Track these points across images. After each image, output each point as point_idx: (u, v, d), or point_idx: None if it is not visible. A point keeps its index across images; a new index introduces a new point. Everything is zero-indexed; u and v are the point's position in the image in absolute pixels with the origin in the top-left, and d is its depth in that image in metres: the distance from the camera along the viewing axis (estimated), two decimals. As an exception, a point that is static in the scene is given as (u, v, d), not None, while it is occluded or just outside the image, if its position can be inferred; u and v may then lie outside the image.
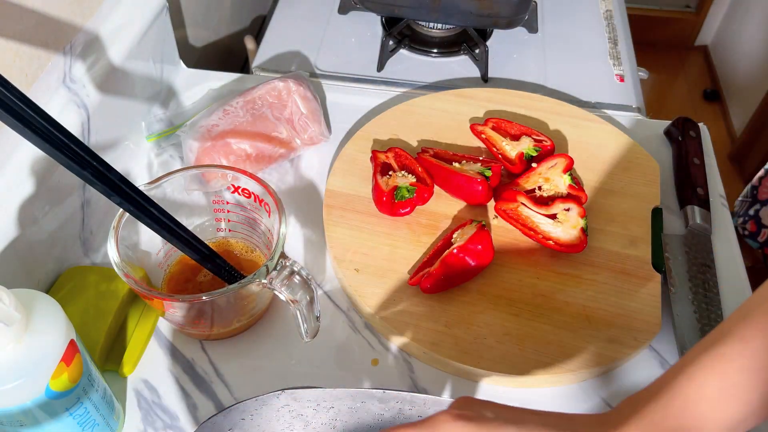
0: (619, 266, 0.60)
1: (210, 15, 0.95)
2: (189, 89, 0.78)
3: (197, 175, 0.57)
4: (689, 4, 2.24)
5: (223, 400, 0.54)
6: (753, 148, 1.84)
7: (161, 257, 0.57)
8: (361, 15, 0.92)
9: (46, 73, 0.57)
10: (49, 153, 0.40)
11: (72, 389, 0.42)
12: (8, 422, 0.40)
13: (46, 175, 0.55)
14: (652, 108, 2.08)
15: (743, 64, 1.99)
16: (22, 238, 0.53)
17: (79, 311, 0.54)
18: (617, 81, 0.84)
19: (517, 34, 0.90)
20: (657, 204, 0.66)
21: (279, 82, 0.70)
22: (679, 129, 0.72)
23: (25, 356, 0.39)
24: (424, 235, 0.62)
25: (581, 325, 0.56)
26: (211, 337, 0.57)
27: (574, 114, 0.74)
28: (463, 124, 0.73)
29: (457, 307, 0.57)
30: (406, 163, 0.66)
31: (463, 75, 0.85)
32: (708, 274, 0.61)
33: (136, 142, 0.70)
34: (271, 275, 0.49)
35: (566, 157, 0.64)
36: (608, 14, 0.95)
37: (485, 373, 0.54)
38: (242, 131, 0.66)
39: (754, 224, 1.15)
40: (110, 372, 0.55)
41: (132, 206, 0.45)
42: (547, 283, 0.59)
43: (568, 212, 0.61)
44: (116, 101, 0.66)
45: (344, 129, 0.75)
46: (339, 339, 0.57)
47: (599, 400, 0.54)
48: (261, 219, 0.57)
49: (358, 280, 0.59)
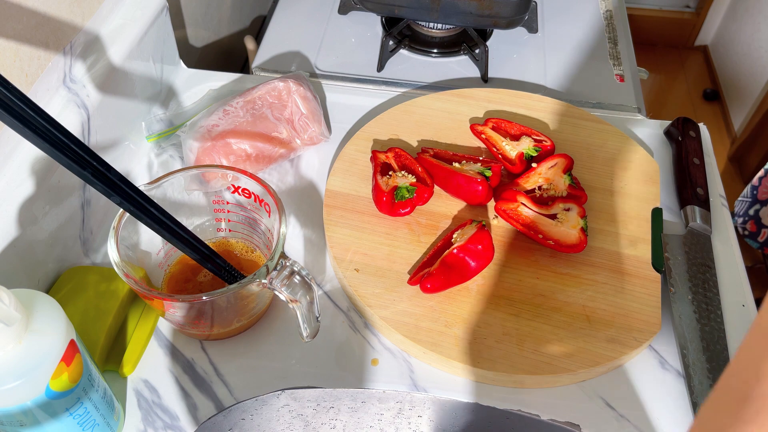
0: (619, 266, 0.60)
1: (210, 15, 0.95)
2: (189, 89, 0.78)
3: (197, 175, 0.57)
4: (689, 4, 2.24)
5: (223, 400, 0.54)
6: (753, 148, 1.84)
7: (161, 257, 0.57)
8: (361, 15, 0.93)
9: (46, 73, 0.57)
10: (49, 153, 0.40)
11: (72, 389, 0.42)
12: (8, 422, 0.40)
13: (46, 175, 0.55)
14: (652, 108, 2.08)
15: (743, 64, 1.99)
16: (22, 238, 0.53)
17: (79, 311, 0.54)
18: (617, 81, 0.84)
19: (517, 34, 0.90)
20: (657, 204, 0.66)
21: (279, 82, 0.70)
22: (679, 129, 0.72)
23: (25, 356, 0.39)
24: (424, 235, 0.62)
25: (581, 325, 0.56)
26: (211, 337, 0.57)
27: (574, 114, 0.74)
28: (463, 124, 0.73)
29: (457, 307, 0.57)
30: (406, 163, 0.66)
31: (463, 75, 0.85)
32: (708, 274, 0.61)
33: (136, 142, 0.70)
34: (271, 275, 0.49)
35: (566, 157, 0.64)
36: (608, 14, 0.95)
37: (485, 373, 0.54)
38: (242, 131, 0.66)
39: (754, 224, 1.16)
40: (110, 372, 0.55)
41: (132, 206, 0.45)
42: (547, 283, 0.59)
43: (568, 212, 0.61)
44: (116, 101, 0.66)
45: (344, 129, 0.75)
46: (339, 339, 0.57)
47: (599, 400, 0.54)
48: (261, 219, 0.57)
49: (358, 280, 0.59)
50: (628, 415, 0.53)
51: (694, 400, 0.53)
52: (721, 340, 0.56)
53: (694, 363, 0.55)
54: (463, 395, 0.54)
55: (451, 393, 0.54)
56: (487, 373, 0.54)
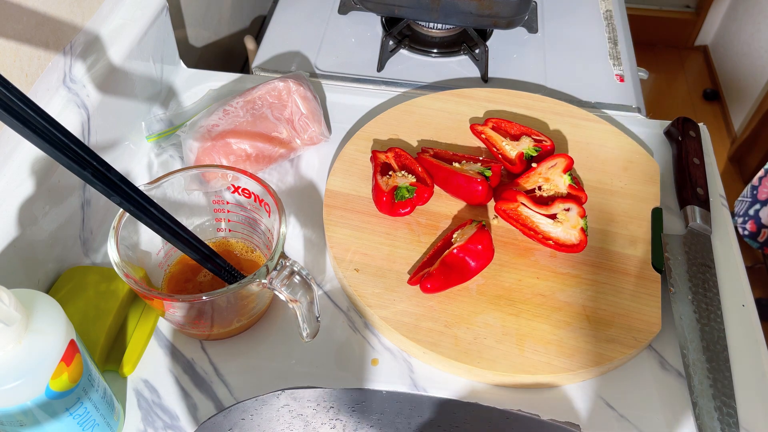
0: (619, 266, 0.60)
1: (210, 15, 0.95)
2: (189, 89, 0.78)
3: (197, 175, 0.57)
4: (689, 4, 2.24)
5: (223, 400, 0.54)
6: (753, 148, 1.84)
7: (161, 257, 0.57)
8: (361, 15, 0.93)
9: (46, 73, 0.57)
10: (49, 153, 0.40)
11: (72, 389, 0.42)
12: (8, 422, 0.40)
13: (46, 175, 0.55)
14: (652, 108, 2.08)
15: (743, 64, 1.99)
16: (22, 238, 0.53)
17: (79, 311, 0.54)
18: (617, 81, 0.84)
19: (517, 34, 0.90)
20: (657, 204, 0.66)
21: (279, 82, 0.70)
22: (679, 129, 0.72)
23: (25, 356, 0.39)
24: (424, 235, 0.62)
25: (581, 324, 0.56)
26: (211, 337, 0.57)
27: (574, 114, 0.74)
28: (463, 124, 0.73)
29: (457, 307, 0.57)
30: (406, 163, 0.66)
31: (463, 75, 0.85)
32: (708, 274, 0.61)
33: (136, 142, 0.70)
34: (271, 275, 0.49)
35: (566, 157, 0.64)
36: (608, 14, 0.95)
37: (485, 373, 0.54)
38: (242, 131, 0.66)
39: (754, 224, 1.16)
40: (110, 372, 0.55)
41: (132, 206, 0.45)
42: (547, 283, 0.59)
43: (568, 212, 0.61)
44: (116, 101, 0.66)
45: (344, 129, 0.75)
46: (339, 339, 0.57)
47: (599, 400, 0.54)
48: (261, 219, 0.57)
49: (358, 280, 0.59)
50: (628, 415, 0.53)
51: (694, 400, 0.53)
52: (721, 340, 0.56)
53: (694, 363, 0.55)
54: (463, 395, 0.54)
55: (451, 393, 0.54)
56: (487, 373, 0.54)
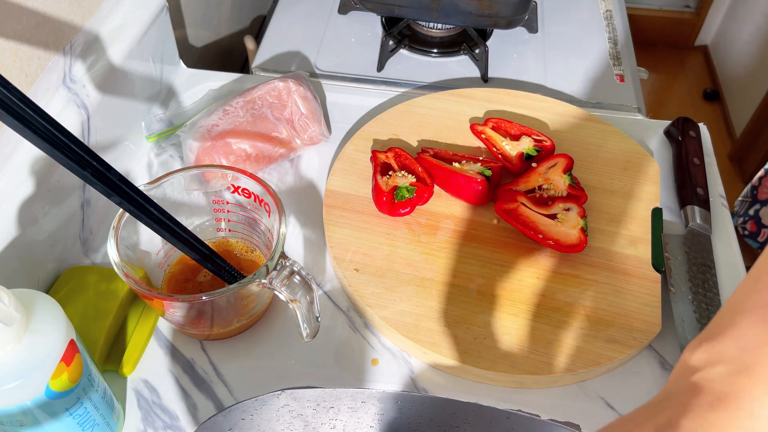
0: (619, 266, 0.60)
1: (210, 15, 0.95)
2: (189, 89, 0.78)
3: (197, 175, 0.57)
4: (689, 4, 2.24)
5: (223, 400, 0.54)
6: (753, 148, 1.84)
7: (161, 257, 0.57)
8: (361, 15, 0.92)
9: (46, 73, 0.57)
10: (49, 153, 0.40)
11: (72, 389, 0.42)
12: (8, 422, 0.40)
13: (46, 175, 0.55)
14: (652, 108, 2.09)
15: (743, 64, 1.99)
16: (22, 238, 0.53)
17: (79, 311, 0.54)
18: (617, 81, 0.84)
19: (517, 34, 0.90)
20: (657, 204, 0.66)
21: (279, 82, 0.70)
22: (679, 129, 0.72)
23: (25, 356, 0.39)
24: (424, 235, 0.62)
25: (581, 324, 0.56)
26: (211, 337, 0.57)
27: (574, 114, 0.74)
28: (463, 124, 0.73)
29: (457, 307, 0.57)
30: (406, 163, 0.66)
31: (463, 75, 0.85)
32: (708, 274, 0.61)
33: (136, 142, 0.70)
34: (271, 275, 0.49)
35: (566, 157, 0.64)
36: (608, 14, 0.95)
37: (485, 373, 0.54)
38: (242, 131, 0.66)
39: (754, 224, 1.15)
40: (110, 372, 0.55)
41: (132, 206, 0.45)
42: (547, 283, 0.59)
43: (568, 212, 0.61)
44: (116, 101, 0.66)
45: (344, 129, 0.75)
46: (339, 339, 0.57)
47: (599, 400, 0.54)
48: (261, 219, 0.57)
49: (358, 280, 0.59)
50: (628, 415, 0.53)
51: (694, 400, 0.53)
52: (721, 340, 0.56)
53: (694, 363, 0.55)
54: (463, 395, 0.54)
55: (451, 393, 0.54)
56: (487, 373, 0.54)
